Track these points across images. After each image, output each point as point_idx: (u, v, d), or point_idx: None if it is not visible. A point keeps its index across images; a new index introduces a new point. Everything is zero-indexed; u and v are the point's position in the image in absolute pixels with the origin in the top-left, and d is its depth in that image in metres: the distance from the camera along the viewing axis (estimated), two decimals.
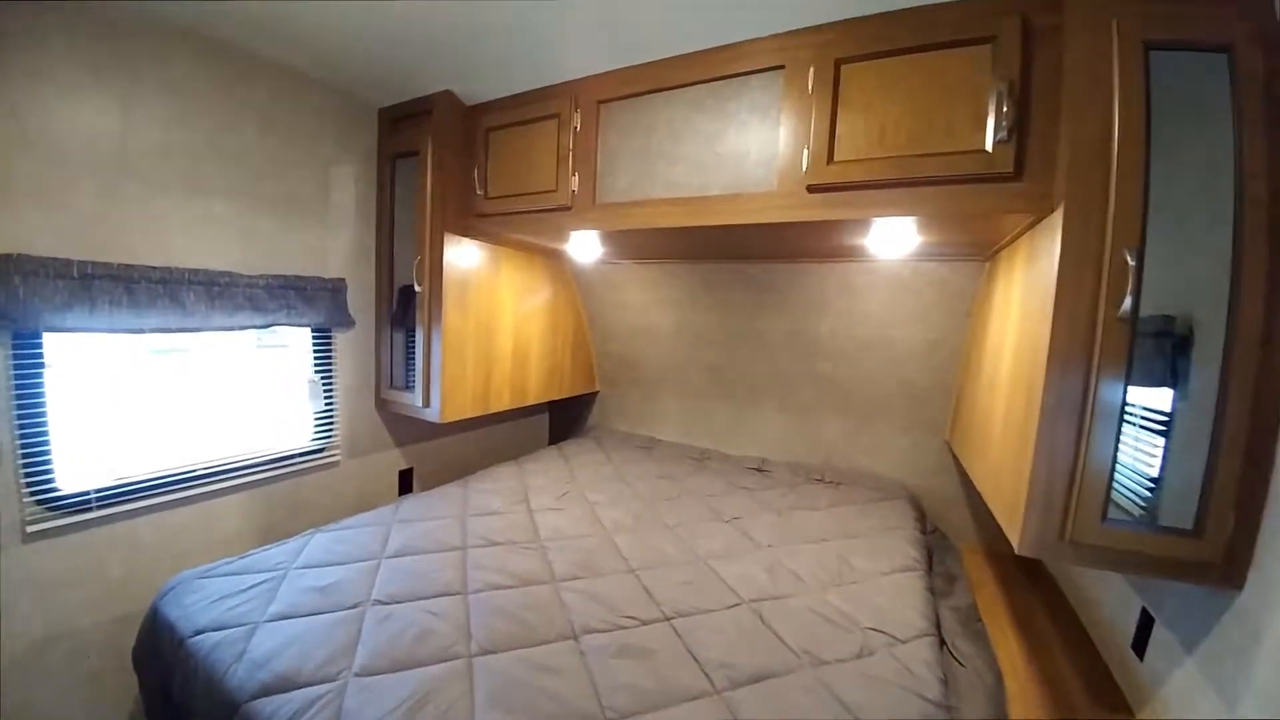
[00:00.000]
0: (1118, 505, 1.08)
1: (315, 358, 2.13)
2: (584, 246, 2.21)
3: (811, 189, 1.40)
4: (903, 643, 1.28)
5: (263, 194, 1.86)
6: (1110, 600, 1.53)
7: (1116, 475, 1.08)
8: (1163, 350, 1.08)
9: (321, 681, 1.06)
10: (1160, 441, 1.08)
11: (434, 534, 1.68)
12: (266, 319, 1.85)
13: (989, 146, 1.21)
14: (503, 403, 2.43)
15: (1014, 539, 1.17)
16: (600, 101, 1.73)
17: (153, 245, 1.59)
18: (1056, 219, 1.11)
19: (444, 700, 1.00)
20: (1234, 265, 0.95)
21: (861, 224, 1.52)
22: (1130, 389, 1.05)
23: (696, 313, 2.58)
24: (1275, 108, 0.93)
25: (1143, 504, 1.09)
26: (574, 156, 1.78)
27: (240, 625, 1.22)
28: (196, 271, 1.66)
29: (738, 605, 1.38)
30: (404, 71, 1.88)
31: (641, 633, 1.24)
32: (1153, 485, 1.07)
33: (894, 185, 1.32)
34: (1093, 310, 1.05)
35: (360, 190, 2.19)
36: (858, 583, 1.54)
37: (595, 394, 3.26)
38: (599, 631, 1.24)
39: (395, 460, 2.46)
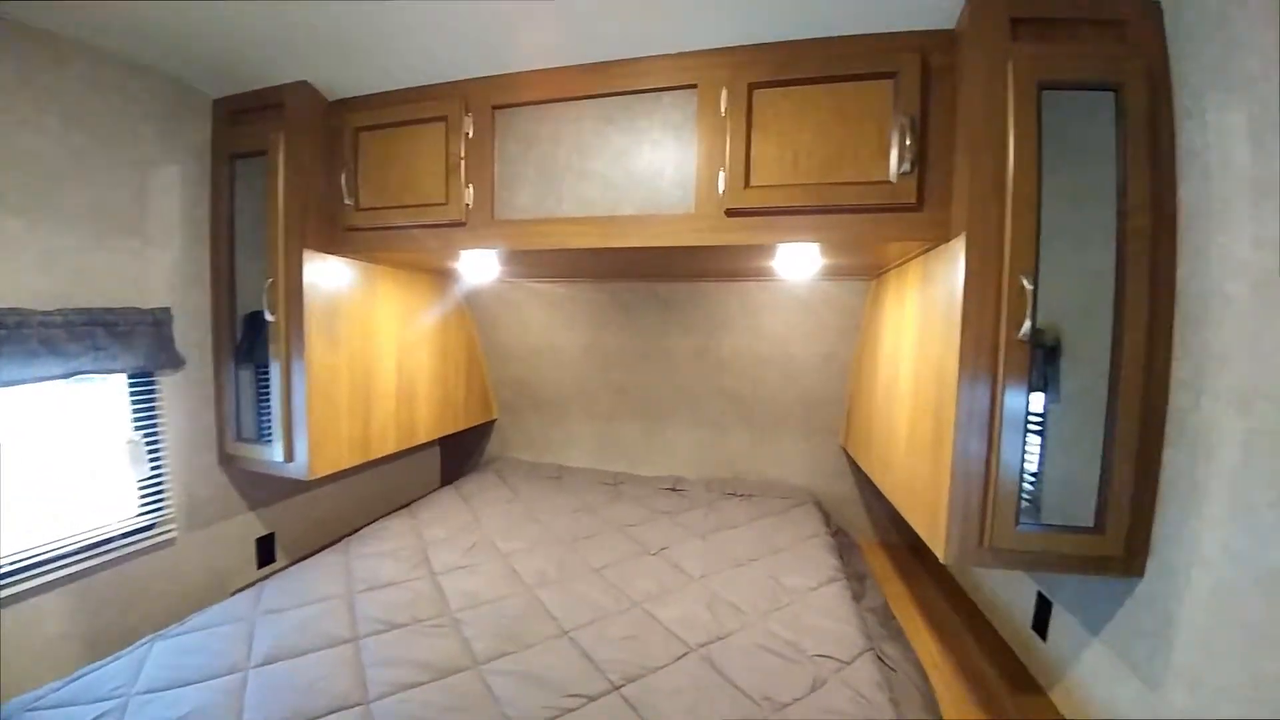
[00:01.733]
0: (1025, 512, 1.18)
1: (135, 411, 1.67)
2: (479, 266, 1.99)
3: (730, 213, 1.37)
4: (848, 664, 1.28)
5: (65, 205, 1.45)
6: (1001, 585, 1.70)
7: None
8: (1035, 359, 1.19)
9: None
10: (1037, 440, 1.17)
11: (314, 625, 1.37)
12: (68, 367, 1.42)
13: (893, 177, 1.26)
14: (387, 446, 2.11)
15: (938, 551, 1.23)
16: (496, 107, 1.55)
17: None
18: (956, 247, 1.19)
19: None
20: (1117, 291, 1.07)
21: (771, 248, 1.53)
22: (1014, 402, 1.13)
23: (605, 332, 2.48)
24: (1157, 144, 1.05)
25: (1028, 498, 1.19)
26: (467, 166, 1.58)
27: None
28: None
29: (686, 654, 1.30)
30: (247, 56, 1.54)
31: (592, 713, 1.09)
32: (1034, 479, 1.17)
33: (808, 212, 1.34)
34: (995, 332, 1.13)
35: (189, 197, 1.77)
36: (793, 604, 1.54)
37: (493, 422, 3.00)
38: None
39: (250, 526, 2.02)
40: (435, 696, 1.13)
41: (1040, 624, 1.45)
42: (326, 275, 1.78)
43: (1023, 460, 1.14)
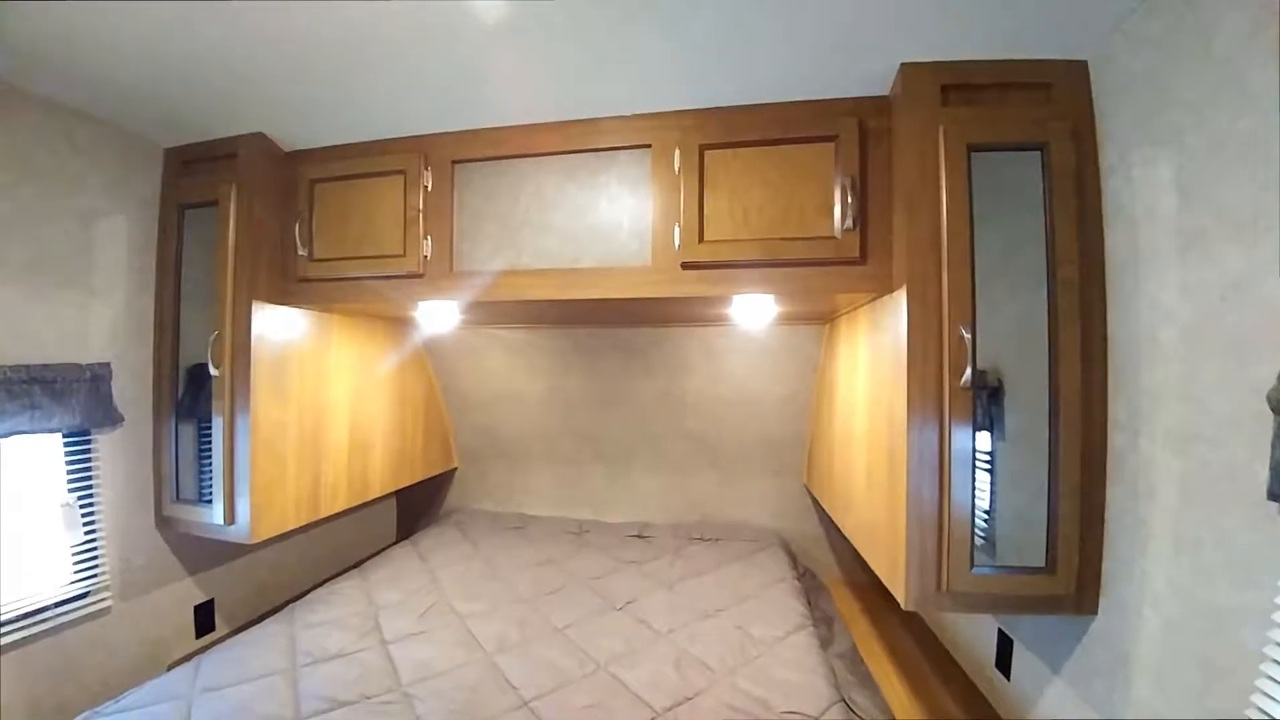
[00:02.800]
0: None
1: (70, 472, 1.57)
2: (439, 315, 1.97)
3: (686, 265, 1.41)
4: None
5: (8, 259, 1.40)
6: (964, 623, 1.72)
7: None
8: (979, 399, 1.24)
9: None
10: (987, 478, 1.21)
11: (253, 705, 1.26)
12: (4, 427, 1.35)
13: (838, 233, 1.32)
14: (337, 504, 2.01)
15: (899, 595, 1.24)
16: (456, 161, 1.57)
17: None
18: (899, 298, 1.24)
19: None
20: (1050, 340, 1.13)
21: (726, 299, 1.57)
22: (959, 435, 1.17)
23: (567, 377, 2.46)
24: (1083, 197, 1.12)
25: (982, 534, 1.21)
26: (425, 218, 1.58)
27: None
28: None
29: None
30: (200, 108, 1.52)
31: None
32: (986, 515, 1.20)
33: (760, 265, 1.38)
34: (939, 379, 1.18)
35: (135, 247, 1.71)
36: (761, 656, 1.51)
37: (453, 471, 2.91)
38: None
39: (187, 593, 1.88)
40: None
41: (1003, 662, 1.47)
42: (276, 325, 1.73)
43: (974, 501, 1.17)
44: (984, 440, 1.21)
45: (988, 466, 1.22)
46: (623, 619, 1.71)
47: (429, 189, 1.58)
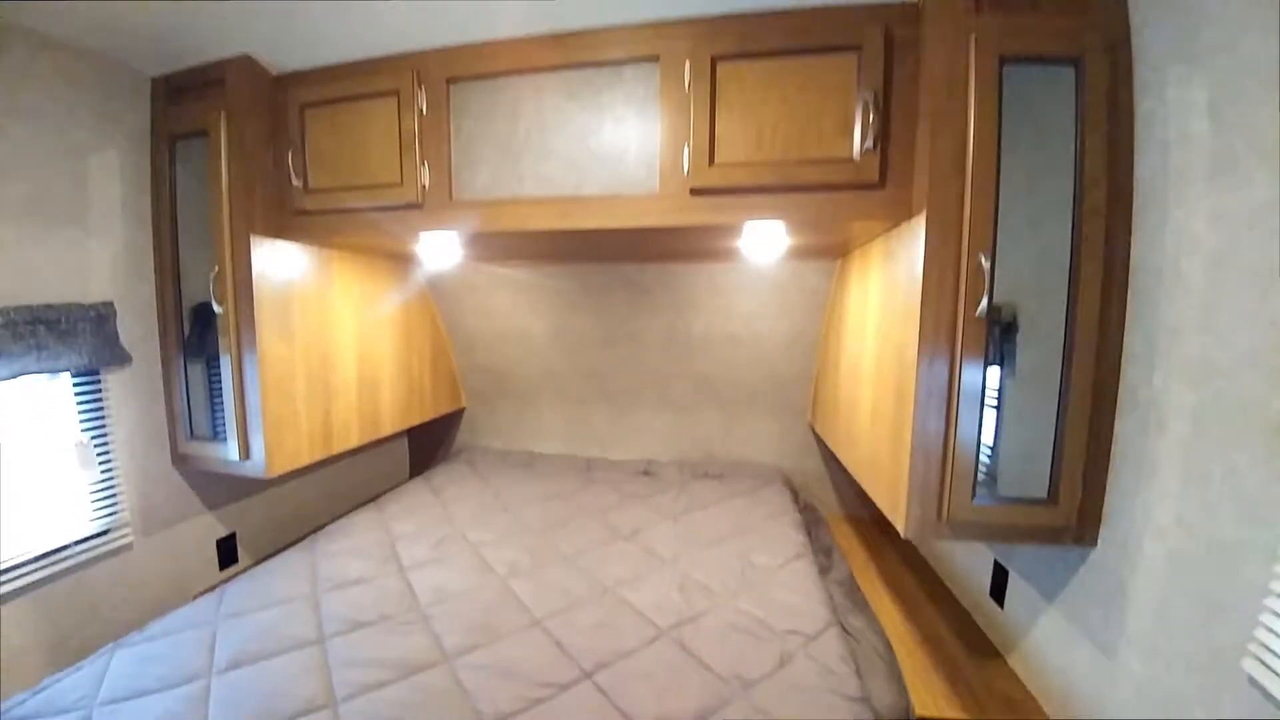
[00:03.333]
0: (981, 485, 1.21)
1: (81, 411, 1.58)
2: (440, 249, 1.92)
3: (695, 192, 1.34)
4: (814, 639, 1.32)
5: (4, 200, 1.38)
6: (960, 554, 1.76)
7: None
8: (991, 335, 1.21)
9: None
10: (992, 415, 1.20)
11: (278, 628, 1.33)
12: (11, 368, 1.35)
13: (857, 155, 1.25)
14: (350, 440, 2.05)
15: (899, 525, 1.25)
16: (450, 80, 1.47)
17: None
18: (916, 225, 1.19)
19: None
20: (1072, 266, 1.08)
21: (737, 228, 1.51)
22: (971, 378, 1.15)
23: (573, 316, 2.43)
24: (1116, 118, 1.05)
25: (984, 470, 1.21)
26: (421, 144, 1.50)
27: None
28: None
29: (658, 638, 1.31)
30: (184, 29, 1.43)
31: (564, 702, 1.09)
32: (990, 451, 1.20)
33: (773, 190, 1.32)
34: (953, 311, 1.14)
35: (130, 184, 1.67)
36: (761, 581, 1.57)
37: (462, 411, 2.95)
38: (514, 715, 1.06)
39: (209, 528, 1.95)
40: (404, 695, 1.11)
41: (998, 592, 1.51)
42: (277, 262, 1.70)
43: (979, 436, 1.16)
44: (993, 376, 1.19)
45: (994, 404, 1.21)
46: (629, 547, 1.76)
47: (424, 111, 1.49)
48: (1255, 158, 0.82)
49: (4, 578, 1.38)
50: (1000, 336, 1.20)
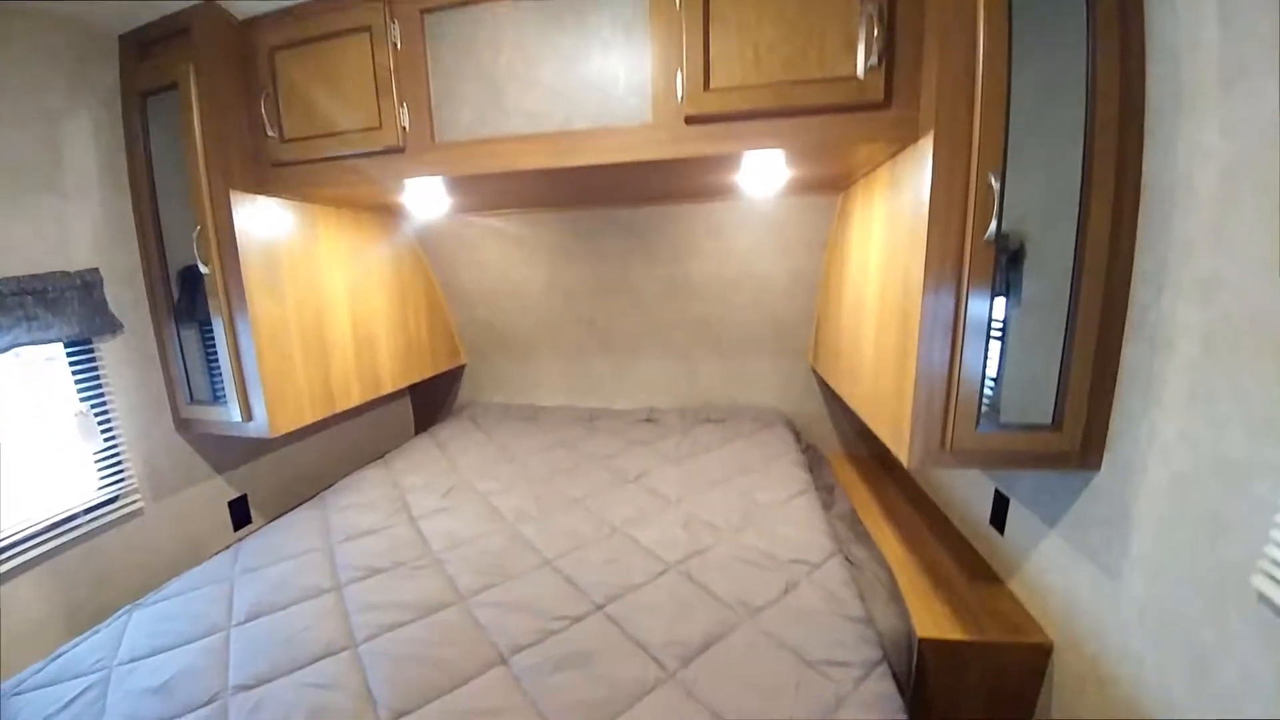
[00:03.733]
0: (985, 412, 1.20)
1: (78, 381, 1.57)
2: (425, 198, 1.85)
3: (690, 120, 1.28)
4: (818, 567, 1.35)
5: None
6: (961, 486, 1.78)
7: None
8: (998, 264, 1.18)
9: None
10: (997, 346, 1.18)
11: (293, 579, 1.36)
12: (2, 341, 1.34)
13: (860, 73, 1.18)
14: (351, 398, 2.04)
15: (902, 456, 1.25)
16: (425, 10, 1.38)
17: None
18: (924, 147, 1.13)
19: None
20: (1083, 185, 1.03)
21: (735, 161, 1.45)
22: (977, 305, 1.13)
23: (568, 265, 2.38)
24: (1127, 27, 0.98)
25: (988, 401, 1.21)
26: (398, 82, 1.43)
27: None
28: None
29: (665, 571, 1.34)
30: None
31: (576, 633, 1.13)
32: (994, 383, 1.19)
33: (772, 115, 1.26)
34: (961, 236, 1.10)
35: (104, 146, 1.62)
36: (765, 517, 1.59)
37: (463, 368, 2.94)
38: (529, 646, 1.10)
39: (219, 490, 1.97)
40: (423, 633, 1.15)
41: (998, 520, 1.53)
42: (259, 219, 1.64)
43: (985, 364, 1.15)
44: (998, 307, 1.16)
45: (999, 334, 1.19)
46: (634, 490, 1.79)
47: (398, 46, 1.41)
48: (1267, 65, 0.78)
49: (16, 549, 1.40)
50: (1006, 266, 1.16)
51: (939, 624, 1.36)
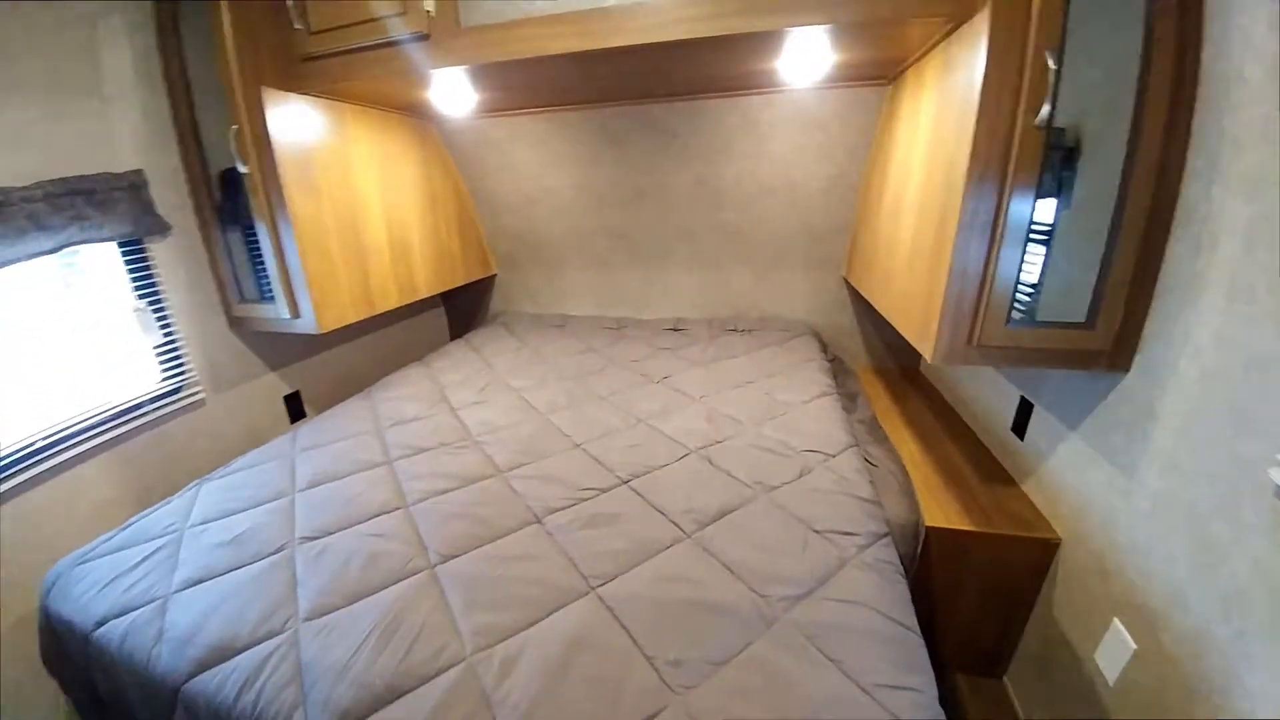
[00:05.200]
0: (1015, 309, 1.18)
1: (134, 281, 1.67)
2: (452, 93, 1.82)
3: None
4: (833, 457, 1.41)
5: (25, 76, 1.36)
6: (987, 395, 1.78)
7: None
8: (1050, 163, 1.11)
9: (266, 639, 0.94)
10: (1040, 250, 1.14)
11: (349, 454, 1.51)
12: (56, 240, 1.40)
13: None
14: (390, 300, 2.13)
15: (926, 351, 1.26)
16: None
17: None
18: (979, 23, 1.05)
19: (416, 617, 0.94)
20: (1141, 72, 0.96)
21: (775, 41, 1.37)
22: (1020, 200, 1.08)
23: (596, 170, 2.33)
24: None
25: (1025, 303, 1.19)
26: None
27: (147, 603, 1.04)
28: None
29: (687, 455, 1.43)
30: None
31: (603, 500, 1.24)
32: (1031, 290, 1.16)
33: None
34: (1011, 118, 1.04)
35: (138, 48, 1.61)
36: (786, 414, 1.65)
37: (493, 278, 2.99)
38: (561, 509, 1.22)
39: (274, 386, 2.13)
40: (465, 497, 1.28)
41: (1020, 426, 1.53)
42: (292, 118, 1.65)
43: (1022, 259, 1.12)
44: (1048, 209, 1.11)
45: (1045, 236, 1.14)
46: (660, 389, 1.86)
47: None
48: None
49: (83, 437, 1.50)
50: (1060, 165, 1.10)
51: (948, 516, 1.42)
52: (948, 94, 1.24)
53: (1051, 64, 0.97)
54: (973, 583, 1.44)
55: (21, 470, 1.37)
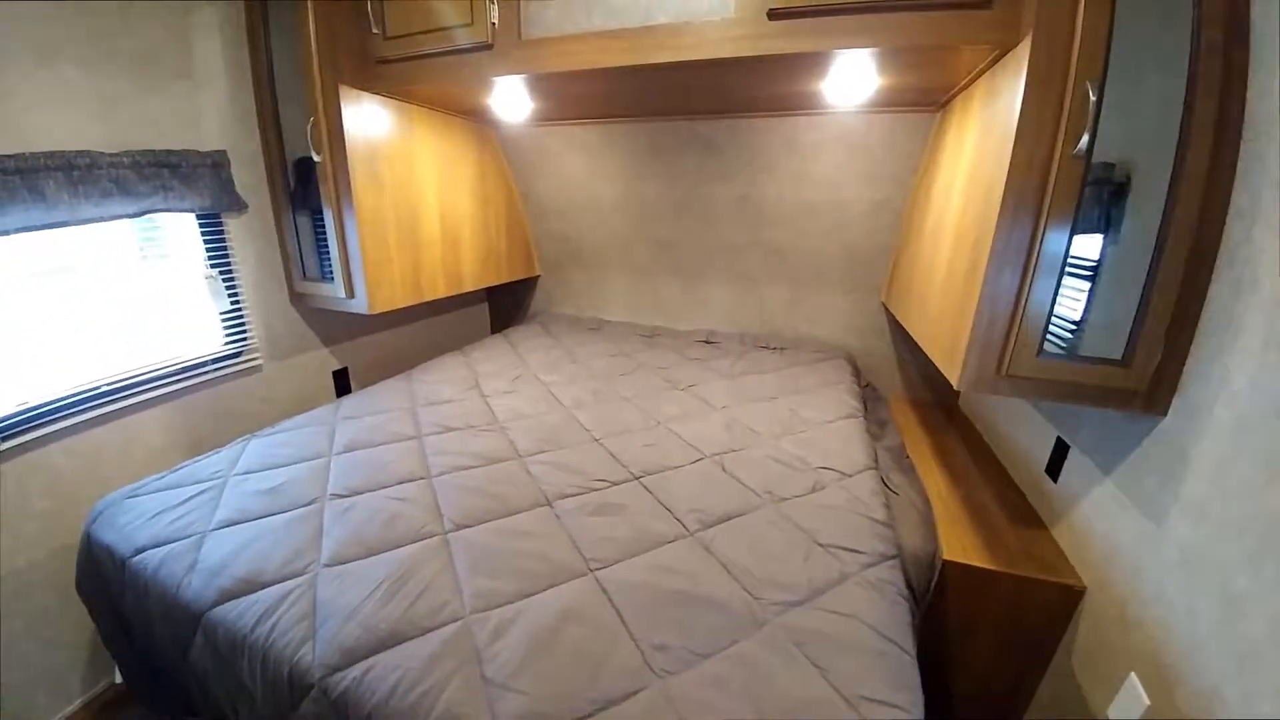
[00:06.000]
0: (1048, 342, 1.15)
1: (208, 251, 1.84)
2: (511, 100, 1.93)
3: (774, 14, 1.24)
4: (849, 476, 1.40)
5: (118, 52, 1.50)
6: (1023, 434, 1.71)
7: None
8: (1099, 198, 1.08)
9: (289, 578, 1.02)
10: (1085, 286, 1.12)
11: (384, 427, 1.60)
12: (140, 205, 1.55)
13: None
14: (437, 290, 2.25)
15: (953, 377, 1.24)
16: None
17: (3, 129, 1.29)
18: (1022, 52, 1.05)
19: (424, 575, 1.00)
20: (1185, 110, 0.94)
21: (820, 64, 1.40)
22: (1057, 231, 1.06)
23: (642, 181, 2.41)
24: None
25: (1063, 345, 1.16)
26: None
27: (186, 537, 1.14)
28: (52, 155, 1.35)
29: (701, 460, 1.45)
30: None
31: (613, 492, 1.28)
32: (1074, 327, 1.13)
33: (861, 10, 1.19)
34: (1050, 148, 1.03)
35: (228, 38, 1.78)
36: (807, 430, 1.64)
37: (536, 279, 3.11)
38: (571, 495, 1.26)
39: (325, 360, 2.28)
40: (484, 475, 1.34)
41: (1055, 467, 1.47)
42: (364, 116, 1.80)
43: (1058, 289, 1.09)
44: (1096, 244, 1.09)
45: (1091, 272, 1.12)
46: (684, 395, 1.89)
47: None
48: None
49: (148, 387, 1.66)
50: (1109, 199, 1.08)
51: (966, 552, 1.37)
52: (990, 121, 1.24)
53: (1092, 95, 0.97)
54: (989, 625, 1.38)
55: (87, 409, 1.52)
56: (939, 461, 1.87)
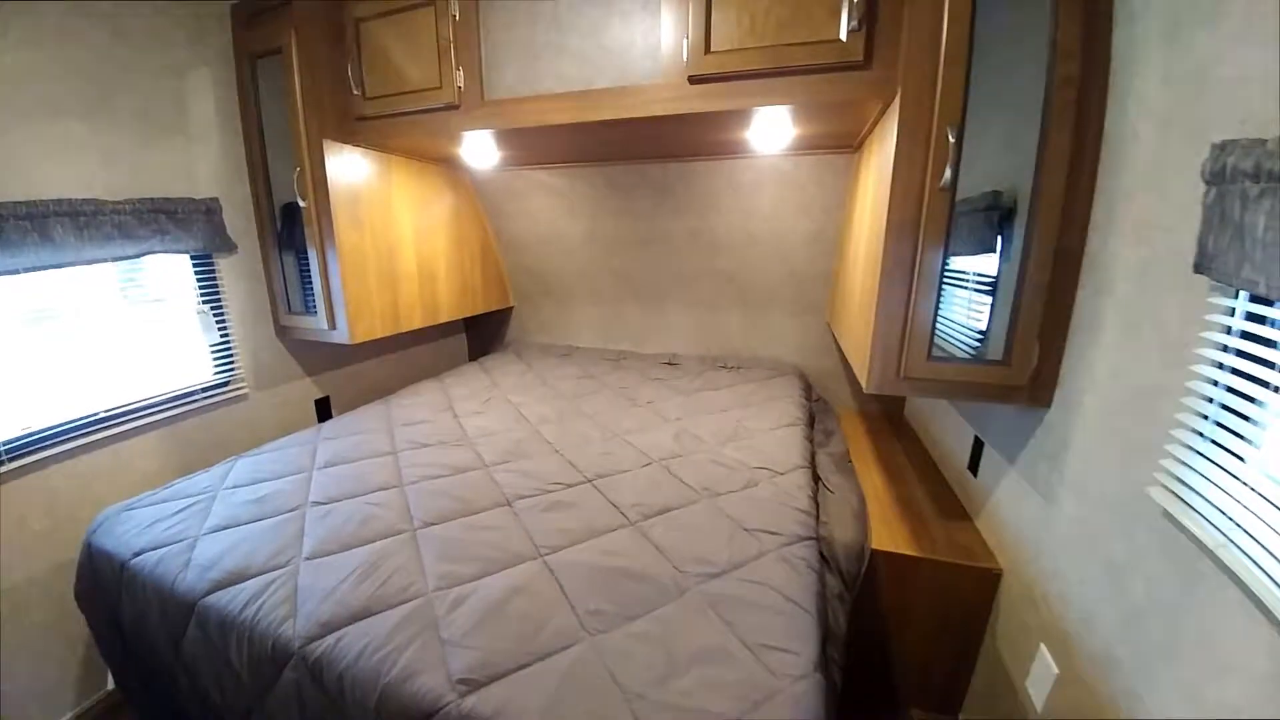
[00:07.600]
0: (950, 352, 1.34)
1: (200, 288, 1.99)
2: (478, 150, 2.15)
3: (693, 80, 1.47)
4: (782, 474, 1.56)
5: (119, 109, 1.67)
6: (950, 436, 1.90)
7: (953, 331, 1.34)
8: (990, 221, 1.28)
9: (273, 569, 1.15)
10: (988, 300, 1.31)
11: (363, 444, 1.75)
12: (139, 247, 1.71)
13: (843, 36, 1.32)
14: (414, 321, 2.41)
15: (863, 380, 1.43)
16: None
17: (15, 179, 1.45)
18: (897, 103, 1.27)
19: (394, 563, 1.14)
20: (1041, 136, 1.13)
21: (741, 118, 1.63)
22: (964, 258, 1.27)
23: (604, 218, 2.63)
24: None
25: (972, 351, 1.35)
26: (455, 48, 1.70)
27: (180, 541, 1.26)
28: (60, 202, 1.51)
29: (649, 464, 1.61)
30: None
31: (567, 493, 1.43)
32: (981, 335, 1.32)
33: (766, 75, 1.42)
34: (920, 183, 1.24)
35: (220, 97, 1.98)
36: (751, 438, 1.81)
37: (511, 310, 3.29)
38: (529, 497, 1.41)
39: (308, 389, 2.42)
40: (452, 483, 1.49)
41: (975, 463, 1.64)
42: (346, 165, 1.99)
43: (936, 303, 1.28)
44: (990, 263, 1.28)
45: (990, 288, 1.31)
46: (641, 411, 2.06)
47: (456, 18, 1.67)
48: (1197, 16, 0.86)
49: (143, 413, 1.77)
50: (999, 222, 1.28)
51: (895, 542, 1.52)
52: (881, 161, 1.47)
53: (951, 137, 1.18)
54: (922, 611, 1.51)
55: (83, 434, 1.63)
56: (879, 465, 2.04)
